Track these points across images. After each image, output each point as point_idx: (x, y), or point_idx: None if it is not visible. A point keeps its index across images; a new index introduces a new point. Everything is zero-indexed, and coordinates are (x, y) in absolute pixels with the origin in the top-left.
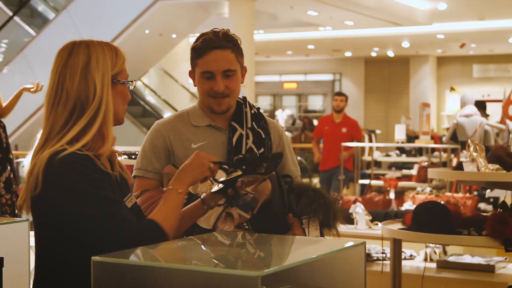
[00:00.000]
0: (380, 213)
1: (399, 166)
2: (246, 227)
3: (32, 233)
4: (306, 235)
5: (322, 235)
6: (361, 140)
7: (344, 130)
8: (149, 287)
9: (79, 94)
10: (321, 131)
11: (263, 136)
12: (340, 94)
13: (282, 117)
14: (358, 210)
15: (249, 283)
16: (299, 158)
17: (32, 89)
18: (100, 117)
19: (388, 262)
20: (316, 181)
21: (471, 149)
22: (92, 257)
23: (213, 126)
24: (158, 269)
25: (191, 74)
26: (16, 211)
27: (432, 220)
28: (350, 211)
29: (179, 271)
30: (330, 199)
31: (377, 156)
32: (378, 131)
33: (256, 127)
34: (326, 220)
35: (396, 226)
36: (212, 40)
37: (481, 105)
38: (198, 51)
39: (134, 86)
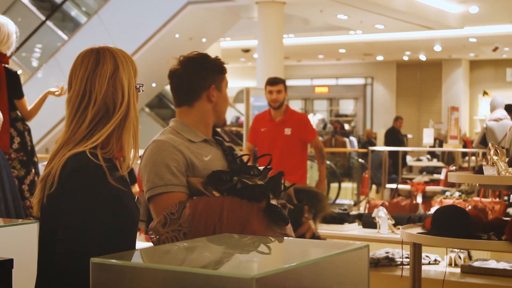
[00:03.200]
0: (404, 217)
1: (430, 170)
2: None
3: None
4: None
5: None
6: (317, 143)
7: (287, 131)
8: None
9: (105, 99)
10: (255, 135)
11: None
12: (274, 82)
13: (313, 121)
14: (381, 214)
15: (244, 285)
16: (328, 162)
17: (56, 92)
18: (127, 123)
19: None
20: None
21: (492, 152)
22: (91, 258)
23: (207, 140)
24: (155, 270)
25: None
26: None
27: (451, 224)
28: (373, 215)
29: (175, 273)
30: (319, 193)
31: (408, 160)
32: (409, 136)
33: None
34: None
35: (416, 230)
36: None
37: (511, 109)
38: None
39: (143, 90)
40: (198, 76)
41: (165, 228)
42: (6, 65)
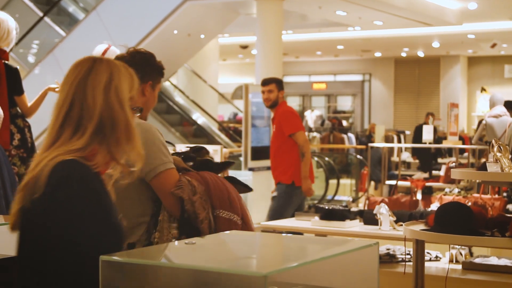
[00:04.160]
0: (405, 214)
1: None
2: None
3: None
4: None
5: None
6: (296, 138)
7: (274, 128)
8: (156, 286)
9: (101, 111)
10: None
11: None
12: (265, 82)
13: (311, 117)
14: (382, 211)
15: (255, 282)
16: (327, 158)
17: (56, 89)
18: (120, 136)
19: (411, 263)
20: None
21: (495, 149)
22: (101, 256)
23: None
24: (165, 268)
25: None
26: None
27: (454, 221)
28: (374, 211)
29: (185, 271)
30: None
31: (406, 157)
32: (407, 132)
33: None
34: None
35: (419, 227)
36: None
37: (510, 106)
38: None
39: (139, 115)
40: (142, 68)
41: (195, 196)
42: (6, 62)
